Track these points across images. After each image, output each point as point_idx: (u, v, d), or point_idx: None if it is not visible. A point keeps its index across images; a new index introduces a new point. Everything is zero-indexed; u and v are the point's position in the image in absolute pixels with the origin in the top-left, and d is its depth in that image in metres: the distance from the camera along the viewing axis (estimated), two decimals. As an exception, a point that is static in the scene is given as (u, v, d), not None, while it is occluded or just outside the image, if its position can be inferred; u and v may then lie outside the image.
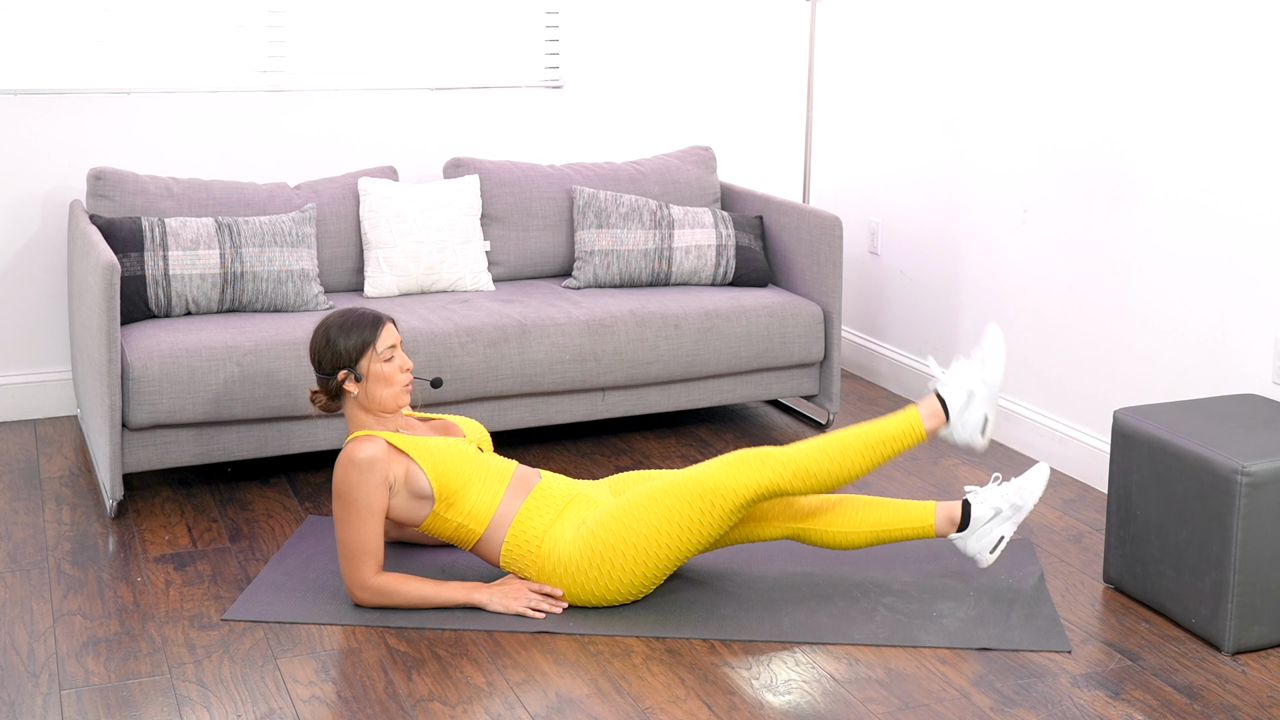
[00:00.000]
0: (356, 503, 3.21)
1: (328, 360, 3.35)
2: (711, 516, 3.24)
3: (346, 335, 3.34)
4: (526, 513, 3.30)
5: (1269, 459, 3.10)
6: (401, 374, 3.36)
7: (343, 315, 3.38)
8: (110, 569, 3.57)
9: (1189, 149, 3.83)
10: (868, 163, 5.29)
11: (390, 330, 3.38)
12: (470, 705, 2.93)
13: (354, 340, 3.33)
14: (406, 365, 3.37)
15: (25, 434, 4.58)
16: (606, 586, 3.26)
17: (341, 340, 3.34)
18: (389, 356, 3.35)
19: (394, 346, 3.37)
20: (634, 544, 3.23)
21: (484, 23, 5.09)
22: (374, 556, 3.24)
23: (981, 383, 3.45)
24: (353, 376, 3.33)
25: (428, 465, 3.27)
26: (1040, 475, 3.44)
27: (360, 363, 3.33)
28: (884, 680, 3.04)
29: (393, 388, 3.35)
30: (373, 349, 3.34)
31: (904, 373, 5.12)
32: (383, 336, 3.36)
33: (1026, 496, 3.41)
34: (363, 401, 3.35)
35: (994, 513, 3.42)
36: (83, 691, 2.97)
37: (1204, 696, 2.99)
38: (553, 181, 4.83)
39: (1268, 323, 3.65)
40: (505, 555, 3.32)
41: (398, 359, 3.36)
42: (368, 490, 3.21)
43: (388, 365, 3.34)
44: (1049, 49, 4.31)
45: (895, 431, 3.37)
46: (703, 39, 5.41)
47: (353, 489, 3.21)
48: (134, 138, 4.69)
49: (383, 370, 3.34)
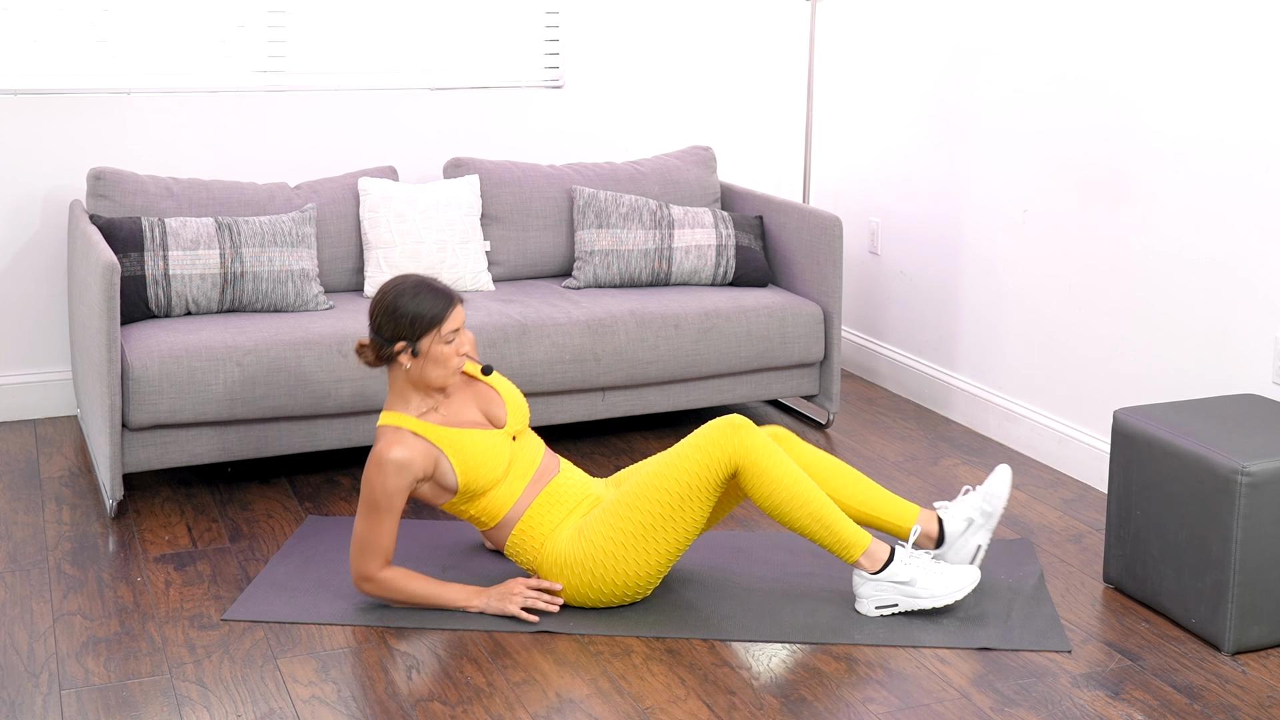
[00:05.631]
0: (378, 503, 3.20)
1: (388, 327, 3.23)
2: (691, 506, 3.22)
3: (417, 307, 3.22)
4: (536, 510, 3.30)
5: (1269, 459, 3.10)
6: (458, 357, 3.26)
7: (416, 285, 3.25)
8: (110, 569, 3.57)
9: (1189, 149, 3.83)
10: (868, 163, 5.29)
11: (459, 312, 3.26)
12: (470, 705, 2.93)
13: (423, 315, 3.22)
14: (465, 349, 3.28)
15: (25, 434, 4.58)
16: (603, 587, 3.26)
17: (410, 311, 3.22)
18: (451, 339, 3.25)
19: (458, 330, 3.26)
20: (624, 542, 3.22)
21: (484, 23, 5.09)
22: (384, 553, 3.24)
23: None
24: (410, 351, 3.24)
25: (459, 464, 3.24)
26: (1003, 477, 3.43)
27: (423, 340, 3.23)
28: (884, 680, 3.04)
29: (447, 369, 3.26)
30: (438, 329, 3.23)
31: (904, 373, 5.12)
32: (451, 318, 3.24)
33: (995, 502, 3.41)
34: (414, 375, 3.27)
35: (967, 524, 3.43)
36: (83, 691, 2.97)
37: (1204, 696, 2.99)
38: (553, 181, 4.83)
39: (1268, 323, 3.65)
40: (510, 546, 3.33)
41: (458, 341, 3.26)
42: (393, 494, 3.20)
43: (447, 347, 3.24)
44: (1049, 49, 4.31)
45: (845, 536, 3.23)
46: (703, 39, 5.41)
47: (378, 489, 3.20)
48: (134, 138, 4.69)
49: (442, 351, 3.24)
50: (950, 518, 3.44)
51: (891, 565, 3.26)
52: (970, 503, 3.45)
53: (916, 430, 4.73)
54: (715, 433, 3.21)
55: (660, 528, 3.21)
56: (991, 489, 3.43)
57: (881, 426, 4.77)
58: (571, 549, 3.25)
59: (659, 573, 3.28)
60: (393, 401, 3.33)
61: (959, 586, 3.27)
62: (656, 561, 3.25)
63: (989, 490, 3.43)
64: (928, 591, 3.26)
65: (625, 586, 3.26)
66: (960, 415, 4.81)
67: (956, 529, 3.42)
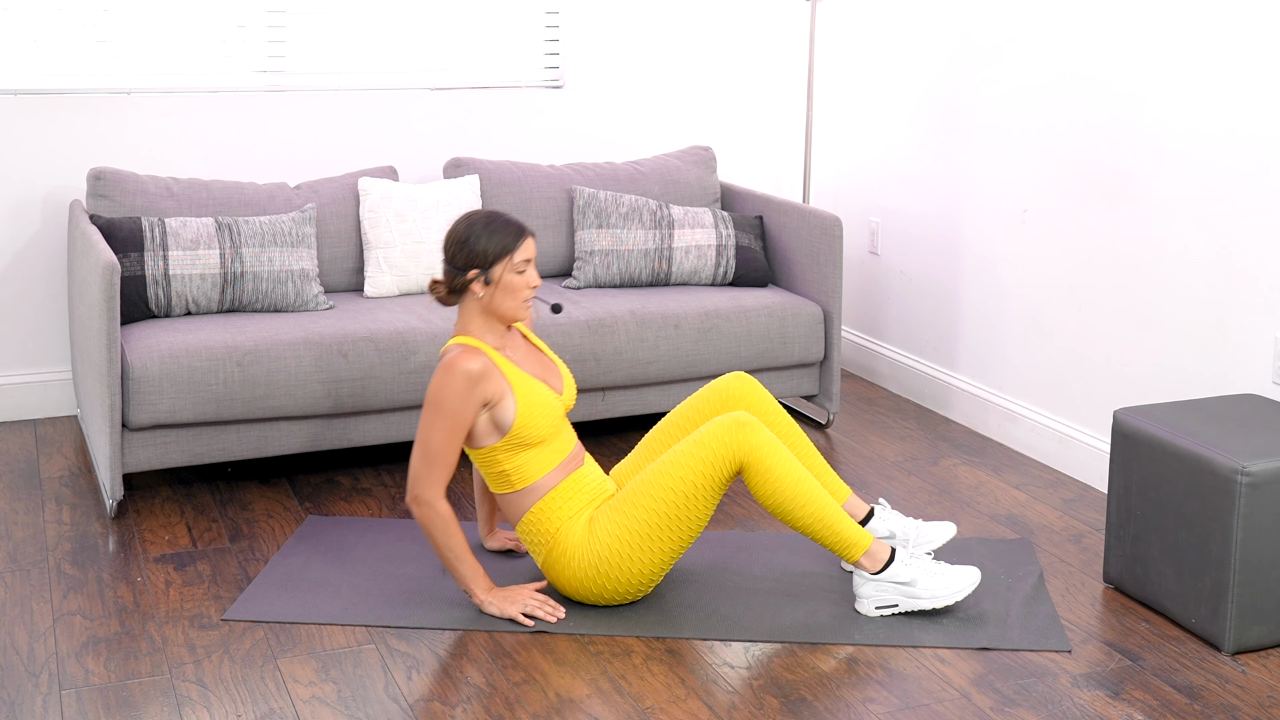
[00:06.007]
0: (452, 411, 3.19)
1: (462, 256, 3.28)
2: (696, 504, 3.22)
3: (489, 236, 3.28)
4: (560, 492, 3.29)
5: (1269, 459, 3.10)
6: (528, 289, 3.31)
7: (489, 216, 3.32)
8: (110, 569, 3.57)
9: (1189, 149, 3.83)
10: (868, 163, 5.29)
11: (530, 243, 3.32)
12: (470, 705, 2.93)
13: (495, 243, 3.27)
14: (535, 282, 3.32)
15: (25, 434, 4.58)
16: (608, 584, 3.25)
17: (483, 240, 3.27)
18: (522, 269, 3.30)
19: (529, 260, 3.31)
20: (630, 541, 3.22)
21: (484, 23, 5.09)
22: (448, 470, 3.23)
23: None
24: (483, 279, 3.28)
25: (523, 404, 3.25)
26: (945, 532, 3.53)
27: (495, 267, 3.27)
28: (884, 680, 3.04)
29: (516, 300, 3.30)
30: (510, 257, 3.28)
31: (904, 373, 5.12)
32: (523, 247, 3.30)
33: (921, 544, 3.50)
34: (485, 305, 3.30)
35: (889, 535, 3.52)
36: (83, 691, 2.97)
37: (1204, 696, 2.99)
38: (553, 181, 4.83)
39: (1268, 323, 3.65)
40: (525, 522, 3.31)
41: (529, 273, 3.31)
42: (465, 402, 3.19)
43: (519, 277, 3.29)
44: (1049, 49, 4.31)
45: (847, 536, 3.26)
46: (703, 39, 5.41)
47: (451, 397, 3.18)
48: (134, 138, 4.69)
49: (513, 280, 3.28)
50: (882, 518, 3.54)
51: (892, 566, 3.26)
52: (905, 524, 3.55)
53: (916, 430, 4.73)
54: (720, 431, 3.21)
55: (665, 526, 3.22)
56: (927, 534, 3.54)
57: (881, 426, 4.77)
58: (581, 546, 3.26)
59: (663, 570, 3.29)
60: (463, 330, 3.35)
61: (959, 588, 3.27)
62: (661, 559, 3.26)
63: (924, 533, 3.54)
64: (928, 592, 3.26)
65: (630, 584, 3.27)
66: (960, 415, 4.81)
67: (879, 531, 3.53)
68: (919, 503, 4.06)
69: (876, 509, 3.56)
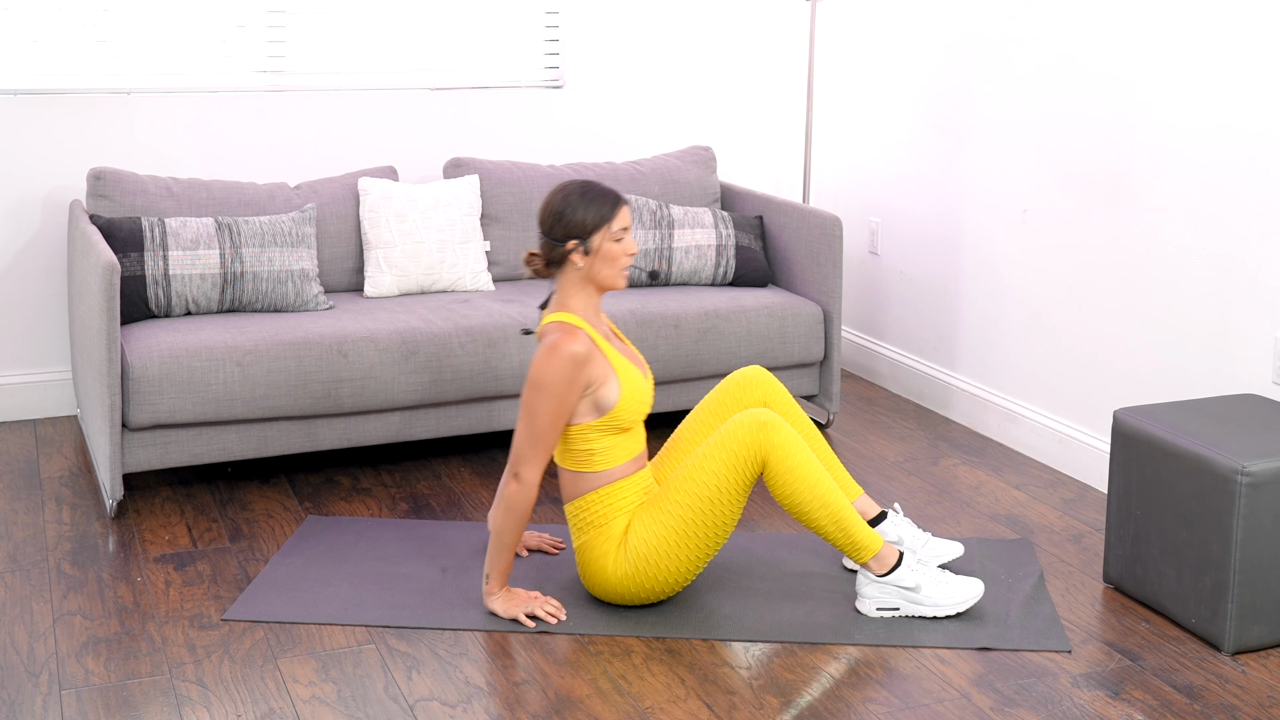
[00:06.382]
0: (557, 394, 3.18)
1: (560, 228, 3.28)
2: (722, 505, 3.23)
3: (586, 206, 3.28)
4: (619, 488, 3.29)
5: (1269, 459, 3.10)
6: (627, 257, 3.32)
7: (584, 186, 3.32)
8: (110, 569, 3.57)
9: (1189, 149, 3.83)
10: (868, 163, 5.29)
11: (626, 211, 3.33)
12: (470, 705, 2.93)
13: (593, 213, 3.28)
14: (633, 249, 3.33)
15: (25, 434, 4.58)
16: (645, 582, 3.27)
17: (580, 210, 3.28)
18: (619, 237, 3.31)
19: (626, 228, 3.32)
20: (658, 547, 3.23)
21: (484, 23, 5.09)
22: (550, 451, 3.22)
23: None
24: (582, 249, 3.28)
25: (626, 388, 3.26)
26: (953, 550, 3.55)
27: (593, 237, 3.28)
28: (884, 680, 3.04)
29: (615, 268, 3.31)
30: (608, 226, 3.28)
31: (904, 373, 5.12)
32: (620, 215, 3.31)
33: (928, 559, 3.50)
34: (585, 273, 3.30)
35: (898, 539, 3.52)
36: (83, 691, 2.97)
37: (1204, 696, 2.99)
38: (553, 181, 4.83)
39: (1268, 323, 3.64)
40: (581, 503, 3.30)
41: (626, 241, 3.32)
42: (571, 386, 3.19)
43: (617, 245, 3.30)
44: (1049, 49, 4.31)
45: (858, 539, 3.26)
46: (703, 39, 5.41)
47: (557, 380, 3.18)
48: (134, 138, 4.69)
49: (612, 249, 3.29)
50: (894, 522, 3.54)
51: (898, 570, 3.27)
52: (914, 535, 3.55)
53: (916, 430, 4.73)
54: (742, 432, 3.21)
55: (695, 528, 3.22)
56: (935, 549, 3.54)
57: (881, 426, 4.77)
58: (618, 547, 3.27)
59: (695, 570, 3.29)
60: (562, 304, 3.35)
61: (963, 598, 3.29)
62: (693, 560, 3.26)
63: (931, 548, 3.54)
64: (931, 600, 3.27)
65: (663, 585, 3.28)
66: (960, 415, 4.81)
67: (888, 534, 3.53)
68: (919, 503, 4.06)
69: (890, 513, 3.57)
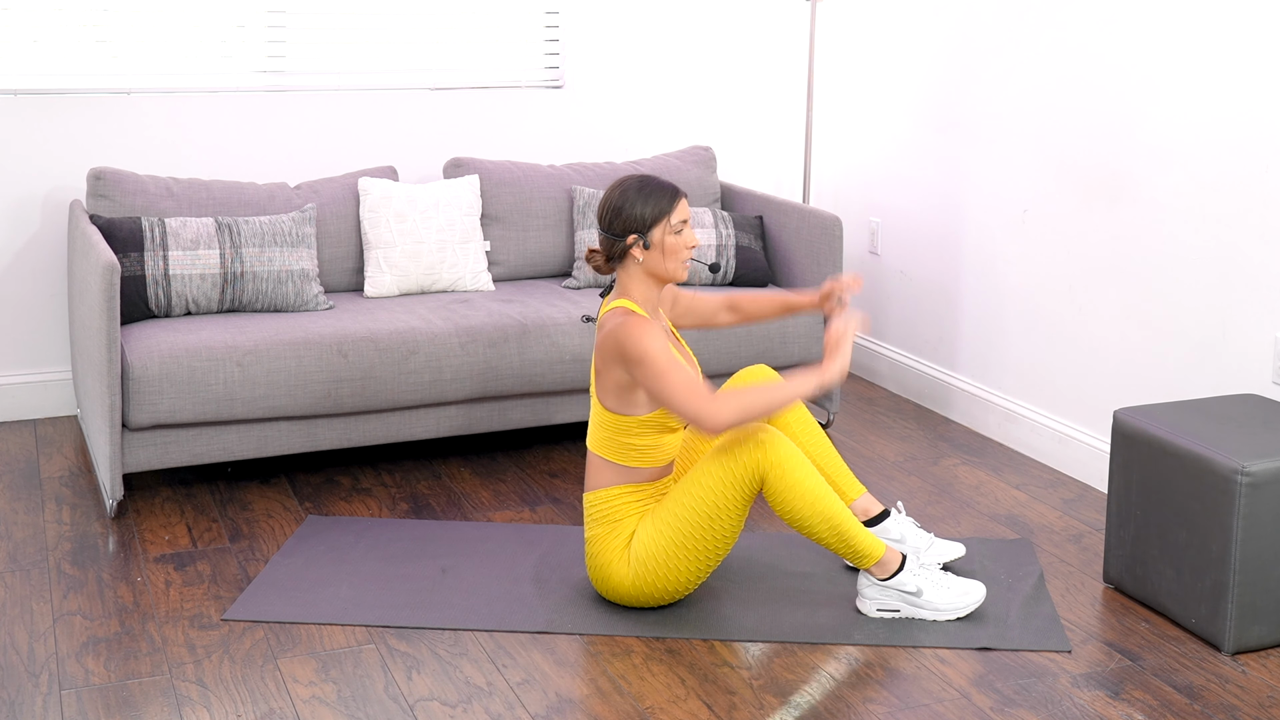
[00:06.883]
0: (659, 347, 3.16)
1: (620, 223, 3.30)
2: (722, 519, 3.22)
3: (644, 201, 3.29)
4: (643, 490, 3.29)
5: (1269, 459, 3.10)
6: (687, 249, 3.33)
7: (642, 181, 3.34)
8: (110, 569, 3.57)
9: (1189, 149, 3.83)
10: (868, 163, 5.29)
11: (684, 204, 3.34)
12: (470, 705, 2.93)
13: (651, 208, 3.29)
14: (693, 242, 3.34)
15: (25, 434, 4.58)
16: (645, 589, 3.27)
17: (639, 205, 3.29)
18: (679, 230, 3.31)
19: (685, 221, 3.33)
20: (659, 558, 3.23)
21: (484, 23, 5.09)
22: (702, 384, 3.19)
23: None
24: (642, 243, 3.29)
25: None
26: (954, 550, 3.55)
27: (653, 231, 3.29)
28: (884, 680, 3.04)
29: (676, 260, 3.32)
30: (667, 219, 3.30)
31: (904, 373, 5.12)
32: (679, 208, 3.32)
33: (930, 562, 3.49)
34: (646, 267, 3.31)
35: (900, 537, 3.52)
36: (83, 691, 2.97)
37: (1204, 696, 2.99)
38: (553, 181, 4.83)
39: (1268, 323, 3.64)
40: (598, 494, 3.30)
41: (686, 234, 3.33)
42: (664, 343, 3.17)
43: (677, 238, 3.31)
44: (1049, 49, 4.31)
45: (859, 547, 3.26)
46: (703, 39, 5.41)
47: (649, 340, 3.16)
48: (134, 138, 4.69)
49: (672, 242, 3.30)
50: (896, 521, 3.54)
51: (900, 575, 3.27)
52: (917, 536, 3.55)
53: (916, 430, 4.73)
54: (741, 449, 3.20)
55: (695, 541, 3.22)
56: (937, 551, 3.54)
57: (881, 426, 4.77)
58: (623, 550, 3.27)
59: (697, 580, 3.30)
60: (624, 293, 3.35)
61: (965, 603, 3.29)
62: (693, 571, 3.26)
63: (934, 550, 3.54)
64: (932, 605, 3.27)
65: (663, 592, 3.28)
66: (960, 415, 4.81)
67: (890, 532, 3.53)
68: (919, 503, 4.06)
69: (893, 511, 3.57)
